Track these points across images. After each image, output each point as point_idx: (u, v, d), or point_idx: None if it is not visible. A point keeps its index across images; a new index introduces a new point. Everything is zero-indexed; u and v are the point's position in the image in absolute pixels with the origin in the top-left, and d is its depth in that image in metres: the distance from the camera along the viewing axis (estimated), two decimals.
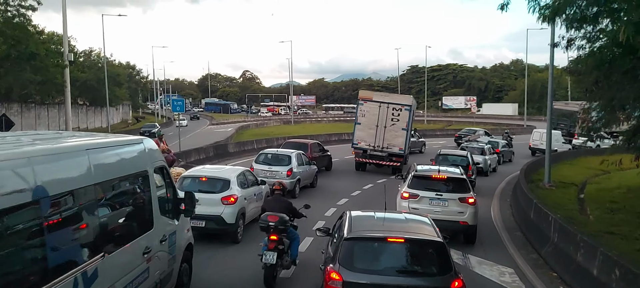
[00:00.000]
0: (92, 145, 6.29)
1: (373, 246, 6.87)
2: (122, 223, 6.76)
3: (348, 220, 7.42)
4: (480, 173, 25.41)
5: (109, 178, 6.29)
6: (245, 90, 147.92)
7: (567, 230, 10.62)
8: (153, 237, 7.17)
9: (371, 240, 6.93)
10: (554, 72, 71.15)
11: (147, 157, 7.39)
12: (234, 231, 11.61)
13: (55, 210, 5.13)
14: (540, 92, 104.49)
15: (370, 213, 8.09)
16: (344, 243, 6.69)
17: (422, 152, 36.41)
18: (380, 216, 7.83)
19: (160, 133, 21.59)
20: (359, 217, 7.74)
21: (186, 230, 8.67)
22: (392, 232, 6.99)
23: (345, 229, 7.06)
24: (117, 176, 6.58)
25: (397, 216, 8.34)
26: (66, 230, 5.39)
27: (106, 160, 6.35)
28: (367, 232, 7.11)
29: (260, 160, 18.40)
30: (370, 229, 7.31)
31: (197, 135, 54.93)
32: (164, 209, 7.75)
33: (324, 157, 25.11)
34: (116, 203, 6.65)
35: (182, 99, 32.42)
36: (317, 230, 8.73)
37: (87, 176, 5.71)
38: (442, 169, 13.97)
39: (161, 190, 7.88)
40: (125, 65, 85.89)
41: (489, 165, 27.30)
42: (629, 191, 20.67)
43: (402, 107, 24.76)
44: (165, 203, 7.88)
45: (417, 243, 6.91)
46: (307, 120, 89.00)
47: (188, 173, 12.68)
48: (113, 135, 8.05)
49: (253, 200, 12.86)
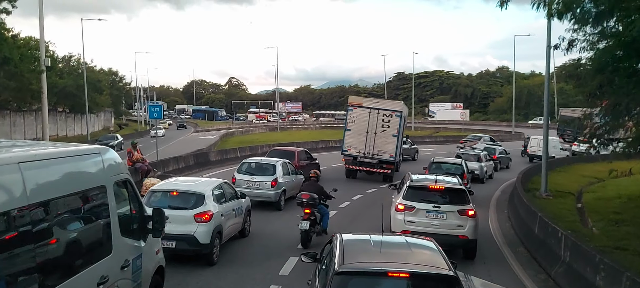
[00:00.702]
0: (26, 158, 5.09)
1: (370, 282, 5.67)
2: (69, 251, 5.58)
3: (339, 246, 6.16)
4: (477, 180, 24.96)
5: (50, 197, 5.17)
6: (231, 97, 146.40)
7: (582, 249, 9.52)
8: (111, 264, 6.11)
9: (368, 274, 5.71)
10: (541, 80, 70.73)
11: (106, 169, 6.33)
12: (209, 252, 10.30)
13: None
14: (526, 100, 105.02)
15: (365, 237, 6.89)
16: (334, 279, 5.46)
17: (415, 159, 35.68)
18: (377, 240, 6.65)
19: (134, 141, 20.19)
20: (351, 241, 6.52)
21: (156, 251, 7.57)
22: (393, 263, 5.80)
23: (336, 259, 5.80)
24: (62, 194, 5.44)
25: (396, 240, 7.24)
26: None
27: (47, 175, 5.26)
28: (363, 264, 5.87)
29: (243, 170, 17.14)
30: (367, 259, 6.07)
31: (180, 142, 53.44)
32: (128, 229, 6.71)
33: (311, 165, 23.76)
34: (61, 227, 5.49)
35: (159, 104, 30.92)
36: (303, 256, 7.43)
37: (18, 196, 4.66)
38: (439, 179, 12.95)
39: (124, 208, 6.83)
40: (107, 72, 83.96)
41: (485, 172, 26.87)
42: (630, 201, 19.74)
43: (393, 113, 24.13)
44: (129, 222, 6.84)
45: (424, 279, 5.66)
46: (293, 127, 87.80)
47: (157, 187, 11.32)
48: (67, 145, 6.83)
49: (231, 216, 11.57)
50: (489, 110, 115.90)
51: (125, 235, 6.57)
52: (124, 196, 6.85)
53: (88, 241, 5.98)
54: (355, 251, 6.17)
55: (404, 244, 6.67)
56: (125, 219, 6.66)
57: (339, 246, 6.12)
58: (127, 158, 18.66)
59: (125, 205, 6.89)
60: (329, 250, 6.62)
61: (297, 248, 11.80)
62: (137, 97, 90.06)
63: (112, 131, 75.21)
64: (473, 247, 11.78)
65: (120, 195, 6.72)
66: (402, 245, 6.67)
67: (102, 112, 77.39)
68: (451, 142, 55.67)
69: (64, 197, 5.45)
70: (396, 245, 6.79)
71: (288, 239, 12.70)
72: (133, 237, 6.84)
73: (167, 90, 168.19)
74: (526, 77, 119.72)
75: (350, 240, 6.49)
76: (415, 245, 6.59)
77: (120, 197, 6.74)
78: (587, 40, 15.97)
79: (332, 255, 6.10)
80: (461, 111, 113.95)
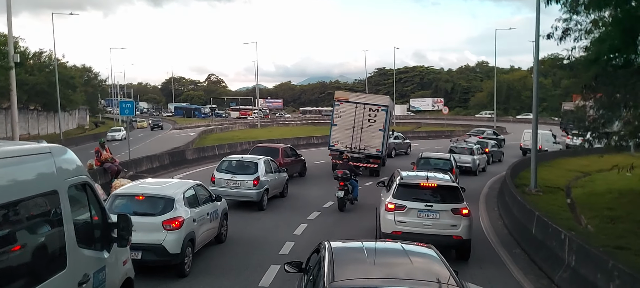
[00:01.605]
0: None
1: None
2: (8, 270, 4.67)
3: (328, 257, 5.29)
4: (470, 173, 25.50)
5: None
6: (211, 94, 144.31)
7: (590, 254, 8.69)
8: (66, 280, 5.30)
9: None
10: (520, 74, 71.28)
11: (58, 172, 5.45)
12: (180, 263, 9.24)
13: None
14: (506, 94, 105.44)
15: (357, 245, 6.08)
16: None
17: (407, 153, 35.49)
18: (370, 248, 5.90)
19: (103, 140, 18.97)
20: (342, 251, 5.69)
21: (123, 262, 6.74)
22: (391, 279, 5.03)
23: (326, 273, 4.95)
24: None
25: (392, 247, 6.43)
26: None
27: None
28: (357, 281, 5.00)
29: (223, 168, 16.16)
30: (360, 274, 5.21)
31: (158, 140, 51.92)
32: (87, 239, 5.86)
33: (297, 162, 23.20)
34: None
35: (131, 101, 29.53)
36: (286, 265, 6.54)
37: None
38: (431, 176, 12.18)
39: (83, 215, 6.00)
40: (81, 68, 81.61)
41: (477, 165, 27.10)
42: (621, 196, 19.17)
43: (379, 107, 23.90)
44: (89, 231, 6.02)
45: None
46: (274, 124, 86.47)
47: (120, 190, 10.18)
48: (8, 143, 5.83)
49: (205, 221, 10.51)
50: (469, 105, 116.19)
51: (84, 246, 5.73)
52: (82, 202, 6.00)
53: (34, 257, 5.06)
54: (346, 262, 5.35)
55: (401, 252, 5.82)
56: (84, 228, 5.89)
57: (328, 256, 5.28)
58: (95, 158, 17.46)
59: (84, 212, 6.06)
60: (316, 260, 5.78)
61: (278, 255, 10.82)
62: (112, 94, 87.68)
63: (87, 129, 73.16)
64: (467, 247, 11.10)
65: (78, 200, 5.88)
66: (400, 253, 5.83)
67: (76, 110, 75.16)
68: (433, 137, 55.13)
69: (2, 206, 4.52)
70: (392, 253, 5.99)
71: (269, 245, 11.70)
72: (94, 248, 6.03)
73: (146, 88, 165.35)
74: (506, 72, 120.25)
75: (340, 249, 5.68)
76: (414, 253, 5.76)
77: (78, 202, 5.90)
78: (580, 29, 15.33)
79: (320, 267, 5.29)
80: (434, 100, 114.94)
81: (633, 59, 14.50)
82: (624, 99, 13.94)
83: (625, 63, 14.48)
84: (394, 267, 5.43)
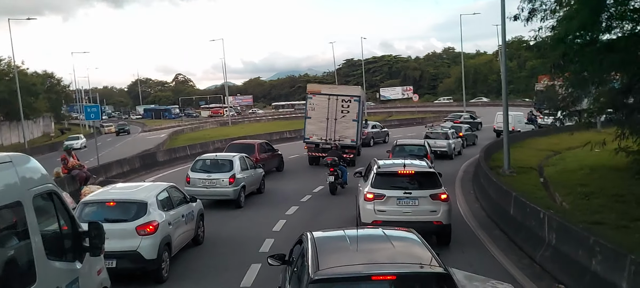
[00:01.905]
0: None
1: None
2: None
3: (311, 247, 5.32)
4: (446, 157, 26.49)
5: None
6: (179, 94, 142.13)
7: (570, 231, 8.73)
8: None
9: (348, 280, 4.88)
10: (486, 58, 73.01)
11: (21, 182, 5.18)
12: (157, 268, 8.93)
13: None
14: (473, 79, 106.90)
15: (339, 233, 6.08)
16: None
17: (385, 141, 35.71)
18: (352, 235, 5.89)
19: (69, 146, 18.33)
20: (324, 240, 5.74)
21: (97, 272, 6.52)
22: (375, 264, 5.09)
23: (310, 264, 4.98)
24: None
25: (374, 233, 6.46)
26: None
27: None
28: (341, 268, 5.02)
29: (198, 168, 15.85)
30: (344, 261, 5.20)
31: (127, 143, 50.84)
32: (57, 250, 5.62)
33: (274, 157, 23.07)
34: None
35: (97, 105, 28.71)
36: (269, 258, 6.53)
37: None
38: (408, 163, 12.10)
39: (51, 225, 5.75)
40: (43, 74, 79.17)
41: (453, 149, 27.87)
42: (593, 171, 19.50)
43: (351, 98, 24.09)
44: (59, 241, 5.76)
45: (414, 280, 4.92)
46: (245, 120, 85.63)
47: (90, 197, 9.74)
48: None
49: (181, 224, 10.19)
50: (438, 92, 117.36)
51: (54, 257, 5.50)
52: (50, 212, 5.74)
53: (4, 270, 4.82)
54: (330, 251, 5.42)
55: (383, 238, 5.83)
56: (53, 239, 5.63)
57: (311, 246, 5.33)
58: (61, 166, 16.85)
59: (53, 222, 5.78)
60: (299, 251, 5.77)
61: (258, 253, 10.57)
62: (77, 99, 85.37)
63: (53, 137, 71.12)
64: (448, 232, 11.14)
65: (45, 210, 5.61)
66: (381, 238, 5.83)
67: (40, 118, 73.01)
68: (405, 125, 55.47)
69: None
70: (374, 238, 6.03)
71: (248, 244, 11.44)
72: (65, 259, 5.78)
73: (111, 91, 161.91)
74: (472, 57, 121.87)
75: (322, 238, 5.74)
76: (396, 238, 5.79)
77: (45, 213, 5.65)
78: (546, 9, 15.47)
79: (304, 258, 5.30)
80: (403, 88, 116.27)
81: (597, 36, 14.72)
82: (592, 77, 14.12)
83: (591, 41, 14.66)
84: (376, 253, 5.49)
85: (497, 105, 42.37)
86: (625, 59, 12.58)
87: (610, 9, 13.92)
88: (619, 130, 14.71)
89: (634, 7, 14.38)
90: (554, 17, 15.30)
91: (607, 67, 13.20)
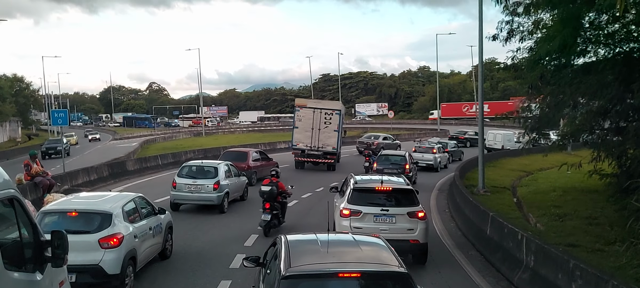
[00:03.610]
0: None
1: (320, 284, 5.31)
2: None
3: (284, 248, 5.75)
4: (432, 169, 29.15)
5: None
6: (153, 103, 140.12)
7: (550, 253, 8.56)
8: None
9: (317, 276, 5.32)
10: (460, 78, 75.61)
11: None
12: (120, 283, 8.42)
13: None
14: (447, 98, 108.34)
15: (311, 237, 6.45)
16: (281, 284, 5.10)
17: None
18: (324, 239, 6.28)
19: (34, 152, 17.56)
20: (297, 242, 6.12)
21: (59, 284, 6.12)
22: (342, 263, 5.57)
23: (282, 262, 5.40)
24: None
25: (344, 238, 6.97)
26: None
27: None
28: (311, 265, 5.50)
29: (184, 174, 16.50)
30: (315, 260, 5.68)
31: (96, 151, 49.57)
32: (17, 260, 5.29)
33: (269, 165, 23.84)
34: None
35: (64, 110, 27.73)
36: (245, 260, 6.83)
37: None
38: (385, 180, 11.88)
39: (11, 233, 5.46)
40: (12, 78, 77.00)
41: (439, 162, 30.45)
42: (565, 193, 19.61)
43: (333, 111, 28.19)
44: (19, 250, 5.42)
45: (376, 278, 5.43)
46: (219, 131, 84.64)
47: (50, 206, 9.18)
48: None
49: (148, 237, 9.71)
50: (413, 109, 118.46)
51: (13, 268, 5.17)
52: (10, 218, 5.41)
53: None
54: (302, 252, 5.81)
55: (352, 242, 6.36)
56: (12, 248, 5.31)
57: (285, 248, 5.74)
58: (24, 172, 16.10)
59: (13, 230, 5.44)
60: (273, 253, 6.18)
61: (229, 269, 10.16)
62: (46, 104, 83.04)
63: (20, 142, 68.88)
64: (425, 251, 10.95)
65: (4, 217, 5.37)
66: (350, 243, 6.37)
67: (7, 122, 70.80)
68: None
69: None
70: (344, 243, 6.50)
71: (217, 258, 10.99)
72: (25, 270, 5.44)
73: (83, 97, 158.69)
74: (446, 76, 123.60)
75: (295, 241, 6.12)
76: (364, 242, 6.30)
77: (5, 220, 5.38)
78: (523, 30, 15.55)
79: (277, 258, 5.70)
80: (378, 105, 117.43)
81: (573, 59, 14.83)
82: (569, 99, 14.19)
83: (566, 63, 14.75)
84: (345, 255, 5.91)
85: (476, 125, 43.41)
86: (602, 82, 12.66)
87: (586, 32, 14.04)
88: (595, 152, 14.78)
89: (608, 32, 14.54)
90: (531, 38, 15.38)
91: (584, 90, 13.26)
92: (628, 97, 13.55)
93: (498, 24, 15.97)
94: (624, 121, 14.33)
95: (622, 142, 13.62)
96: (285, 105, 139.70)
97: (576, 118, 14.93)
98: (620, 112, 14.16)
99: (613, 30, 13.77)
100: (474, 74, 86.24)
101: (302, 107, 28.35)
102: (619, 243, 11.53)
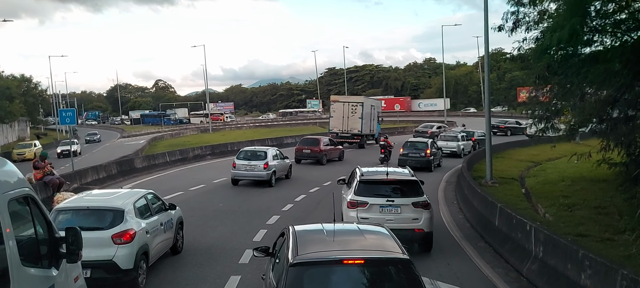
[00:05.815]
0: None
1: (326, 271, 5.58)
2: None
3: (292, 238, 6.02)
4: (455, 156, 31.76)
5: None
6: (159, 100, 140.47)
7: (559, 244, 8.58)
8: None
9: (323, 264, 5.61)
10: (466, 69, 75.25)
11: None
12: (133, 278, 8.55)
13: None
14: (454, 89, 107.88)
15: (318, 227, 6.73)
16: (289, 271, 5.35)
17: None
18: (330, 229, 6.53)
19: (45, 153, 17.72)
20: (304, 232, 6.37)
21: (74, 279, 6.32)
22: (347, 251, 5.85)
23: (290, 251, 5.67)
24: None
25: (349, 228, 7.30)
26: None
27: None
28: (317, 253, 5.76)
29: (241, 157, 20.83)
30: (321, 249, 5.94)
31: (104, 149, 49.92)
32: (33, 256, 5.47)
33: (336, 150, 30.13)
34: None
35: (72, 109, 27.88)
36: (255, 251, 7.19)
37: None
38: (391, 171, 12.21)
39: (27, 230, 5.59)
40: (19, 78, 77.51)
41: (462, 150, 33.47)
42: (574, 183, 19.56)
43: (358, 104, 38.02)
44: (35, 247, 5.57)
45: (379, 264, 5.67)
46: (226, 128, 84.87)
47: (63, 204, 9.32)
48: None
49: (159, 232, 9.82)
50: None
51: (30, 264, 5.31)
52: (25, 216, 5.53)
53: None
54: (308, 241, 6.04)
55: (356, 231, 6.62)
56: (28, 244, 5.46)
57: (292, 238, 6.01)
58: (33, 172, 16.26)
59: (28, 227, 5.60)
60: (281, 243, 6.44)
61: (238, 264, 10.25)
62: (54, 104, 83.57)
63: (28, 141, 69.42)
64: (430, 240, 11.25)
65: (20, 215, 5.42)
66: (355, 232, 6.62)
67: (16, 122, 71.36)
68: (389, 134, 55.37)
69: None
70: (349, 232, 6.78)
71: (227, 254, 11.09)
72: (41, 266, 5.61)
73: (90, 96, 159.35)
74: (452, 68, 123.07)
75: (303, 231, 6.36)
76: (368, 231, 6.55)
77: (21, 217, 5.45)
78: (529, 20, 15.48)
79: (285, 248, 5.95)
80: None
81: (580, 48, 14.74)
82: (577, 88, 14.13)
83: (573, 52, 14.66)
84: (350, 243, 6.16)
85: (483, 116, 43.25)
86: (610, 71, 12.60)
87: (593, 21, 13.95)
88: (604, 142, 14.72)
89: (614, 20, 14.44)
90: (538, 28, 15.31)
91: (592, 79, 13.21)
92: (637, 85, 13.49)
93: (503, 14, 15.94)
94: (632, 109, 14.27)
95: (631, 131, 13.56)
96: (291, 100, 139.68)
97: (584, 107, 14.84)
98: (629, 100, 14.10)
99: (620, 19, 13.67)
100: (480, 65, 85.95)
101: (335, 102, 38.72)
102: (629, 232, 11.53)
